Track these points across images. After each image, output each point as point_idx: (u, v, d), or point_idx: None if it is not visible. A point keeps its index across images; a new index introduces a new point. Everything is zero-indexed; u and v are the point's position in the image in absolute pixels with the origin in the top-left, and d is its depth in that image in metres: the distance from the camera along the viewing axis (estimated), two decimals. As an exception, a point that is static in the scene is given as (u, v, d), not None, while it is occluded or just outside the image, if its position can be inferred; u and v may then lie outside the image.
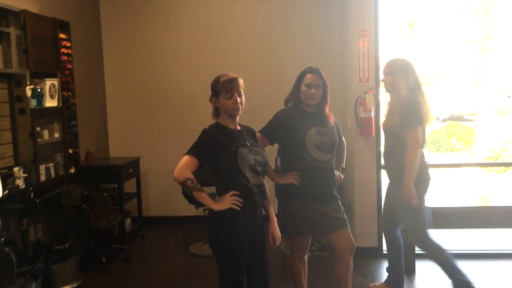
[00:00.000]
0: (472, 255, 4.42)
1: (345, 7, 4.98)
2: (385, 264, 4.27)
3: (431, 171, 3.54)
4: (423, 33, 27.18)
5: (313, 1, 5.45)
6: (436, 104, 17.99)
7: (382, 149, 4.23)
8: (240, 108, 2.55)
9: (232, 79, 2.53)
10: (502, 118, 13.80)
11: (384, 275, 4.05)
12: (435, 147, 11.74)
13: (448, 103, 17.54)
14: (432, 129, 12.80)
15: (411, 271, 4.08)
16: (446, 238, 4.84)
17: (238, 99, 2.52)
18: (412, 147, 3.35)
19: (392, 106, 3.53)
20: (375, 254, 4.46)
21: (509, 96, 15.97)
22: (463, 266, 3.48)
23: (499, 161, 9.95)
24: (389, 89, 3.53)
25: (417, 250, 4.13)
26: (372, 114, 4.32)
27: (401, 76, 3.42)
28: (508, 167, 9.82)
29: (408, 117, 3.35)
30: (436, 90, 21.53)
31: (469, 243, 4.83)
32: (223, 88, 2.52)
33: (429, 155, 11.46)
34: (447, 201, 4.62)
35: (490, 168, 9.78)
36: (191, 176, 2.49)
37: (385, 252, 4.45)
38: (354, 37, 4.43)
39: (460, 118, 15.50)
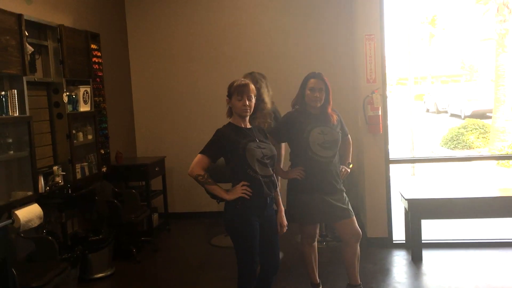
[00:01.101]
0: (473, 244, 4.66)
1: (353, 13, 5.28)
2: (395, 253, 4.58)
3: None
4: (444, 31, 27.00)
5: (324, 9, 5.77)
6: (459, 101, 18.01)
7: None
8: (248, 110, 2.91)
9: (244, 84, 2.89)
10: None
11: (393, 263, 4.35)
12: (453, 144, 11.85)
13: (470, 101, 17.45)
14: (449, 126, 12.91)
15: (418, 260, 4.35)
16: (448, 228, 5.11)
17: (247, 102, 2.88)
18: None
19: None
20: (385, 243, 4.73)
21: None
22: (462, 254, 3.74)
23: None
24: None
25: (424, 239, 4.42)
26: (379, 113, 4.61)
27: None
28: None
29: None
30: (460, 88, 21.50)
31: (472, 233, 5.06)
32: (235, 91, 2.89)
33: (446, 152, 11.59)
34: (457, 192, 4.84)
35: (505, 163, 9.84)
36: (202, 173, 2.87)
37: (395, 242, 4.76)
38: (361, 41, 4.73)
39: (483, 116, 15.49)
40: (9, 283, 2.87)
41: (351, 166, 3.64)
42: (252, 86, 2.92)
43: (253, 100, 2.93)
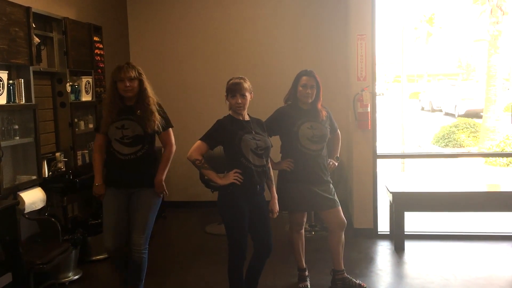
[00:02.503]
0: (457, 237, 4.90)
1: (346, 13, 5.49)
2: (380, 243, 4.81)
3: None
4: (441, 30, 27.18)
5: (319, 9, 5.97)
6: (453, 100, 18.25)
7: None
8: (242, 107, 3.13)
9: (236, 83, 3.13)
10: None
11: (377, 252, 4.59)
12: (444, 143, 12.10)
13: (464, 100, 17.65)
14: (441, 124, 13.16)
15: (400, 249, 4.59)
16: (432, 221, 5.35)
17: (240, 100, 3.10)
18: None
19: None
20: (370, 234, 4.97)
21: (508, 89, 16.12)
22: (442, 246, 3.99)
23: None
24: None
25: (406, 231, 4.65)
26: (369, 109, 4.83)
27: None
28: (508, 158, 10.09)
29: None
30: (456, 87, 21.74)
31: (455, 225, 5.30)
32: (229, 90, 3.15)
33: (437, 150, 11.84)
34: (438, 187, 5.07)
35: (493, 161, 10.10)
36: (200, 158, 3.15)
37: (380, 232, 4.99)
38: (353, 40, 4.94)
39: (476, 115, 15.71)
40: (16, 260, 3.08)
41: (338, 160, 3.86)
42: (245, 84, 3.14)
43: (248, 97, 3.15)
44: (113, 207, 3.33)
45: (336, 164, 3.80)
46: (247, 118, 3.24)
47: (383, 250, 4.64)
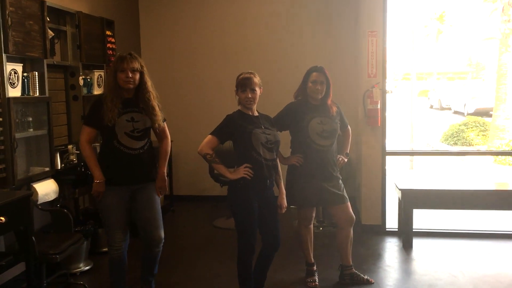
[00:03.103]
0: (467, 235, 4.91)
1: (357, 9, 5.49)
2: (387, 239, 4.83)
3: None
4: (452, 27, 27.01)
5: (330, 5, 5.98)
6: (463, 98, 18.15)
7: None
8: (252, 102, 3.15)
9: (247, 78, 3.14)
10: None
11: (385, 249, 4.61)
12: (453, 141, 12.06)
13: (474, 98, 17.55)
14: (450, 123, 13.10)
15: (408, 246, 4.60)
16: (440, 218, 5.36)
17: (250, 94, 3.12)
18: None
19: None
20: (378, 230, 4.99)
21: None
22: (451, 243, 4.00)
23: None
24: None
25: (415, 228, 4.66)
26: (378, 106, 4.84)
27: None
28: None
29: None
30: (465, 85, 21.63)
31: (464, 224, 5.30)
32: (239, 84, 3.16)
33: (446, 148, 11.80)
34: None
35: (502, 160, 10.06)
36: (210, 152, 3.16)
37: (388, 229, 5.01)
38: (364, 36, 4.95)
39: (486, 114, 15.63)
40: (29, 250, 3.14)
41: (348, 156, 3.87)
42: (255, 79, 3.15)
43: (257, 92, 3.17)
44: (118, 205, 3.18)
45: (346, 160, 3.82)
46: (256, 113, 3.26)
47: (391, 247, 4.66)
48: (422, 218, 5.11)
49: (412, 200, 4.58)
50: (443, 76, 32.28)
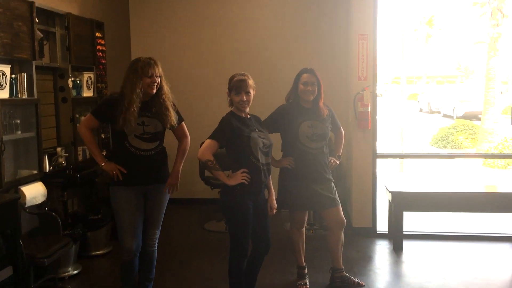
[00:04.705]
0: (460, 237, 4.93)
1: (348, 12, 5.51)
2: (378, 242, 4.84)
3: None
4: (441, 31, 27.25)
5: (320, 8, 5.99)
6: (452, 102, 18.30)
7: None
8: (246, 105, 3.12)
9: (241, 80, 3.10)
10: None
11: (375, 252, 4.62)
12: (442, 144, 12.14)
13: (463, 102, 17.71)
14: (439, 126, 13.21)
15: (399, 249, 4.61)
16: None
17: (245, 97, 3.09)
18: None
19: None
20: (369, 233, 4.99)
21: (501, 92, 16.19)
22: (441, 246, 4.01)
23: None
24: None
25: (405, 230, 4.67)
26: (369, 109, 4.85)
27: None
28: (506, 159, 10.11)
29: None
30: (454, 89, 21.81)
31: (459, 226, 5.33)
32: (233, 86, 3.11)
33: (436, 151, 11.88)
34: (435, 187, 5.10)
35: (491, 163, 10.15)
36: (212, 158, 3.08)
37: (378, 232, 5.02)
38: (355, 39, 4.96)
39: (475, 117, 15.77)
40: (16, 254, 3.10)
41: (340, 158, 3.87)
42: (249, 81, 3.13)
43: (251, 94, 3.15)
44: (131, 206, 3.17)
45: (338, 162, 3.81)
46: (248, 115, 3.24)
47: (382, 249, 4.66)
48: (413, 221, 5.13)
49: (402, 202, 4.59)
50: (433, 79, 32.54)
